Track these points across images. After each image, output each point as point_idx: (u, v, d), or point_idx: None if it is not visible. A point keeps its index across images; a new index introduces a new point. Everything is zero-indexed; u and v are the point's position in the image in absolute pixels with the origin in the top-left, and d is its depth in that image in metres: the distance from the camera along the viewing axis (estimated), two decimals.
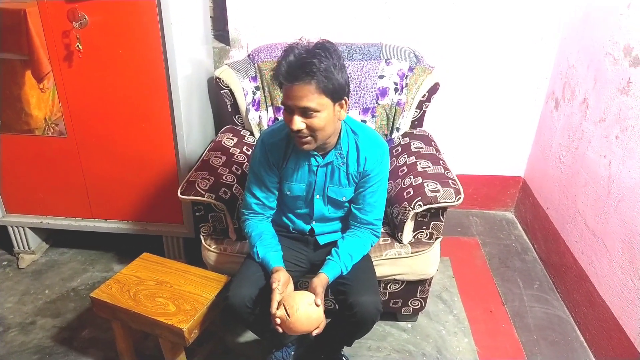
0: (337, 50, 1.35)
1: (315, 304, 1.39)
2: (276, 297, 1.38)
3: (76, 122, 2.02)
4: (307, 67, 1.29)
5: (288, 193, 1.59)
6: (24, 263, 2.35)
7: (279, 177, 1.58)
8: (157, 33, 1.81)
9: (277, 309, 1.37)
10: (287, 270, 1.49)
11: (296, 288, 1.52)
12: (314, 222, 1.65)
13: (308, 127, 1.36)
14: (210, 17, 2.38)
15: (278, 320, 1.37)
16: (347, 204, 1.62)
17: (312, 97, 1.31)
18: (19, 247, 2.37)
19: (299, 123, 1.35)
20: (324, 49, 1.33)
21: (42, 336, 1.95)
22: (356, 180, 1.56)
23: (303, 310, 1.36)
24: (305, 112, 1.34)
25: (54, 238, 2.52)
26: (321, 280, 1.45)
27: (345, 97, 1.39)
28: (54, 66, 1.91)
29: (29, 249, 2.37)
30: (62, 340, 1.93)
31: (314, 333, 1.40)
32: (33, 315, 2.05)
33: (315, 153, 1.50)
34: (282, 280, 1.42)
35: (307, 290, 1.44)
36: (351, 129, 1.53)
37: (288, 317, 1.35)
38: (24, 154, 2.11)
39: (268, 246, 1.53)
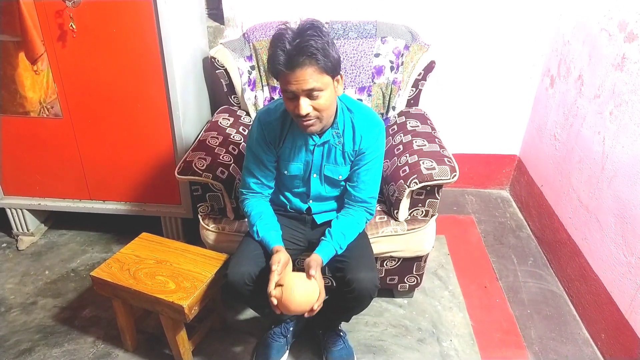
0: (325, 27, 1.35)
1: (308, 275, 1.40)
2: (274, 278, 1.39)
3: (71, 103, 2.02)
4: (306, 50, 1.28)
5: (285, 172, 1.60)
6: (23, 245, 2.37)
7: (277, 155, 1.59)
8: (151, 11, 1.79)
9: (274, 289, 1.38)
10: (285, 249, 1.50)
11: (294, 266, 1.53)
12: (310, 201, 1.66)
13: (315, 109, 1.37)
14: None
15: (275, 301, 1.38)
16: (343, 183, 1.63)
17: (316, 77, 1.32)
18: (17, 229, 2.38)
19: (306, 107, 1.35)
20: (315, 28, 1.31)
21: (43, 316, 1.98)
22: (352, 159, 1.57)
23: (298, 289, 1.38)
24: (311, 94, 1.34)
25: (52, 220, 2.53)
26: (315, 259, 1.46)
27: (340, 73, 1.40)
28: (48, 47, 1.89)
29: (27, 230, 2.39)
30: (64, 319, 1.96)
31: (315, 307, 1.41)
32: (34, 296, 2.08)
33: None
34: (282, 262, 1.42)
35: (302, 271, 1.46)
36: (347, 107, 1.53)
37: (283, 296, 1.36)
38: (20, 136, 2.11)
39: (268, 225, 1.55)
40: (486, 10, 2.36)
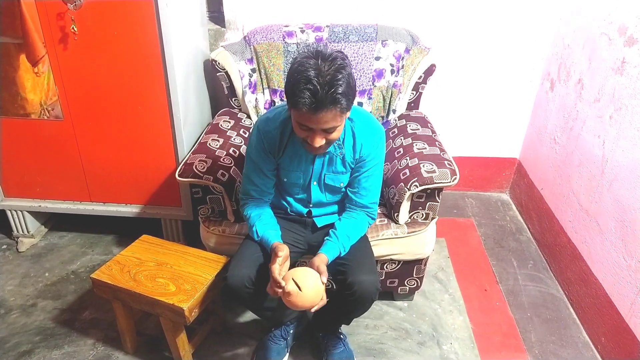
0: (347, 58, 1.32)
1: (321, 282, 1.40)
2: (276, 269, 1.38)
3: (72, 106, 2.02)
4: (332, 96, 1.25)
5: (285, 180, 1.61)
6: (24, 247, 2.37)
7: (276, 164, 1.59)
8: (152, 14, 1.79)
9: (287, 283, 1.37)
10: None
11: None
12: (311, 206, 1.67)
13: (327, 141, 1.38)
14: None
15: (280, 290, 1.37)
16: (344, 189, 1.63)
17: (337, 119, 1.32)
18: (18, 231, 2.38)
19: (320, 141, 1.36)
20: (340, 67, 1.27)
21: (43, 318, 1.98)
22: (352, 166, 1.57)
23: (312, 285, 1.38)
24: (327, 130, 1.35)
25: (52, 222, 2.53)
26: (322, 259, 1.46)
27: None
28: (49, 49, 1.89)
29: (28, 232, 2.39)
30: (64, 321, 1.96)
31: (314, 309, 1.41)
32: (34, 298, 2.08)
33: None
34: (284, 252, 1.43)
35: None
36: None
37: (299, 291, 1.36)
38: (21, 138, 2.11)
39: (267, 225, 1.55)
40: (486, 13, 2.36)
